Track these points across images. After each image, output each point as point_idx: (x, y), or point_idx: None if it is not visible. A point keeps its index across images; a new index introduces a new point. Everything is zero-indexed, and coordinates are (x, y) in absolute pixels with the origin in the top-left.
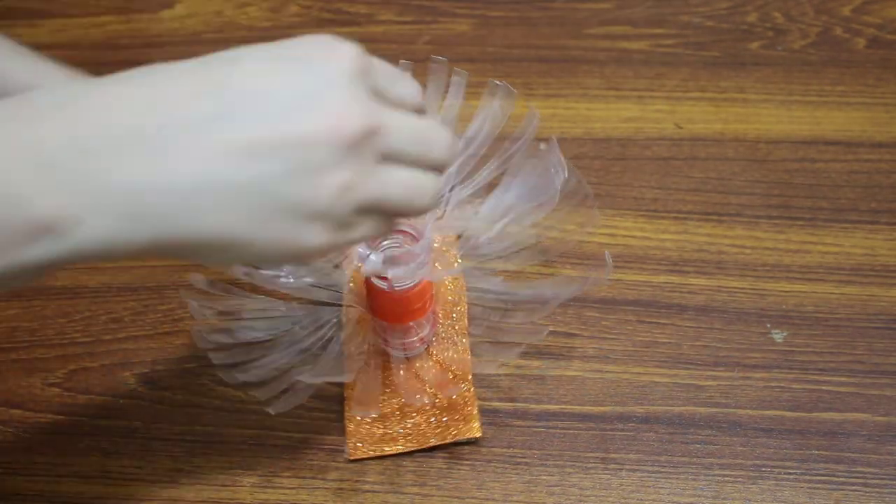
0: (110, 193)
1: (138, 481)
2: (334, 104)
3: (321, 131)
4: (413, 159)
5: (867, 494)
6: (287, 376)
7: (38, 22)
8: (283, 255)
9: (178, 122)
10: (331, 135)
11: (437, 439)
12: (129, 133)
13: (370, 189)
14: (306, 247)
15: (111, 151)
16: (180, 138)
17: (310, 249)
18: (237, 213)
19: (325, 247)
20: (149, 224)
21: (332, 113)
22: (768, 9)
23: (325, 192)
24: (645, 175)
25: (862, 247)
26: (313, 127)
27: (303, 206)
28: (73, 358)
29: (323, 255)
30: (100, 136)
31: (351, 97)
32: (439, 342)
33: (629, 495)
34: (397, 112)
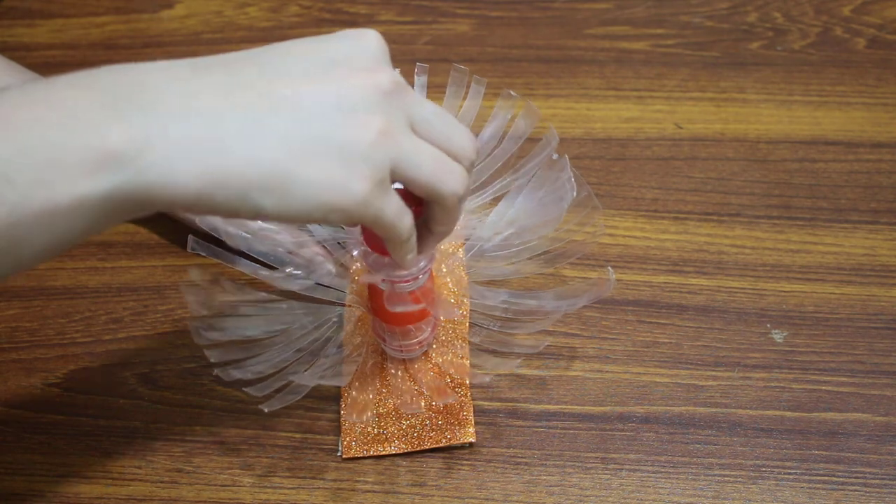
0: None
1: (138, 481)
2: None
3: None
4: (438, 136)
5: (867, 494)
6: (283, 374)
7: (38, 22)
8: (328, 198)
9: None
10: (364, 83)
11: (432, 442)
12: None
13: (403, 146)
14: (348, 191)
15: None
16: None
17: (351, 196)
18: (287, 146)
19: (364, 199)
20: (207, 155)
21: (364, 70)
22: (768, 9)
23: (366, 133)
24: (645, 175)
25: (862, 247)
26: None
27: (346, 147)
28: (73, 358)
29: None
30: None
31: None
32: (439, 346)
33: (629, 495)
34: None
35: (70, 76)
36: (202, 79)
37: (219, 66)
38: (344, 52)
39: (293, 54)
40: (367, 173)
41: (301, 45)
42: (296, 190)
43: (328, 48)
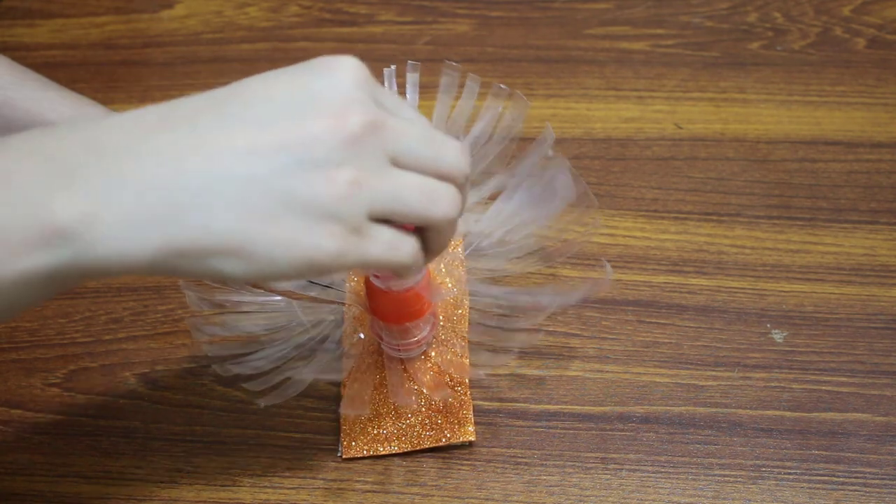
0: (122, 196)
1: (138, 481)
2: (334, 104)
3: (321, 128)
4: (425, 164)
5: (867, 494)
6: (281, 370)
7: (38, 22)
8: (296, 260)
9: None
10: (333, 131)
11: (431, 442)
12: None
13: (381, 189)
14: (319, 250)
15: (125, 156)
16: (189, 141)
17: (323, 253)
18: (245, 209)
19: (339, 253)
20: (158, 226)
21: (332, 111)
22: (768, 9)
23: (333, 188)
24: (645, 175)
25: (862, 247)
26: (315, 125)
27: (310, 204)
28: (73, 358)
29: (338, 265)
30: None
31: (352, 98)
32: (438, 345)
33: (629, 495)
34: (403, 118)
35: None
36: (157, 138)
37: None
38: (313, 91)
39: (257, 96)
40: (337, 229)
41: (266, 83)
42: (258, 255)
43: (295, 86)
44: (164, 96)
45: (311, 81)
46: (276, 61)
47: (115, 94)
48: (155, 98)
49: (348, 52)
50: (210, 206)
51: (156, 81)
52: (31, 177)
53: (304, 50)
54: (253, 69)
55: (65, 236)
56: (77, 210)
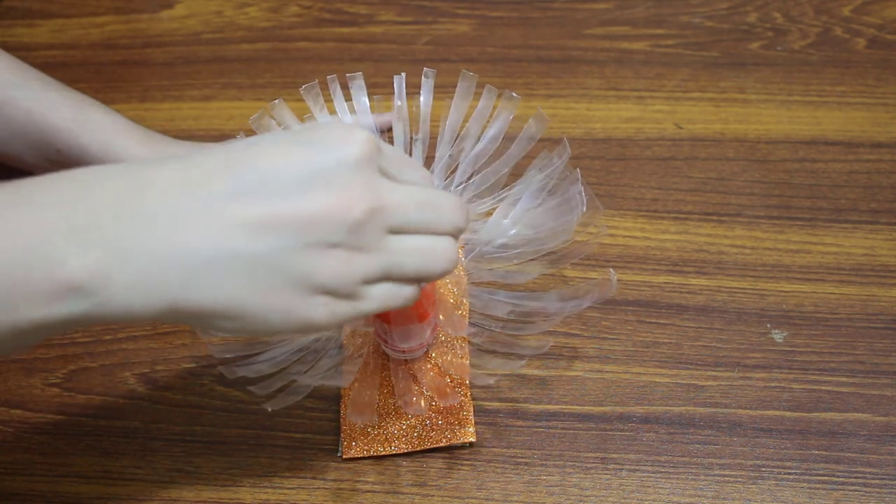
0: (136, 258)
1: (138, 481)
2: (342, 186)
3: (328, 211)
4: (423, 227)
5: (867, 494)
6: (285, 374)
7: (38, 22)
8: (290, 325)
9: (201, 198)
10: (337, 215)
11: (432, 442)
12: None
13: (376, 262)
14: (313, 319)
15: (140, 221)
16: (201, 212)
17: (316, 321)
18: (247, 283)
19: (331, 318)
20: (167, 289)
21: (339, 195)
22: (768, 9)
23: (329, 265)
24: (645, 175)
25: (862, 247)
26: (321, 207)
27: (307, 279)
28: (73, 358)
29: (332, 326)
30: (131, 208)
31: (358, 180)
32: (439, 346)
33: (629, 495)
34: (403, 187)
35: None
36: (173, 201)
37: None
38: (321, 167)
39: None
40: (328, 299)
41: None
42: (256, 320)
43: (305, 162)
44: (163, 96)
45: (319, 156)
46: (276, 61)
47: (115, 94)
48: (155, 98)
49: (348, 52)
50: (217, 276)
51: (156, 81)
52: (50, 231)
53: (304, 50)
54: (253, 69)
55: (79, 292)
56: (92, 269)
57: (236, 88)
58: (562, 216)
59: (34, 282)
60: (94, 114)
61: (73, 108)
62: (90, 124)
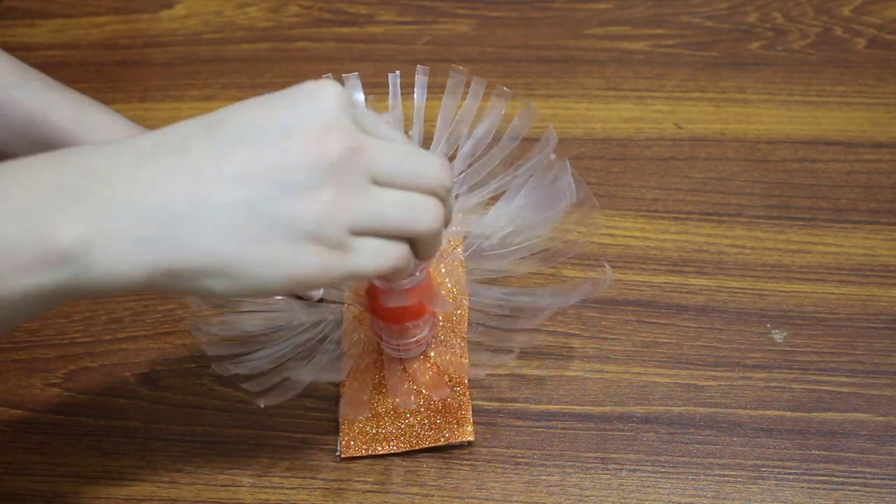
0: (118, 218)
1: (138, 481)
2: (314, 129)
3: (306, 155)
4: (406, 181)
5: (867, 494)
6: (280, 370)
7: (38, 22)
8: (281, 278)
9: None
10: (312, 157)
11: (430, 441)
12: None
13: (362, 207)
14: (302, 268)
15: (121, 182)
16: (181, 169)
17: (306, 271)
18: (232, 232)
19: (322, 269)
20: (152, 246)
21: (312, 136)
22: (768, 9)
23: (312, 208)
24: (645, 175)
25: (862, 247)
26: (298, 152)
27: (292, 225)
28: (73, 358)
29: (323, 280)
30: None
31: (331, 124)
32: (437, 345)
33: (629, 495)
34: (383, 140)
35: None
36: (150, 164)
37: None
38: (295, 117)
39: (243, 122)
40: (318, 248)
41: (252, 109)
42: (245, 274)
43: (279, 113)
44: (163, 96)
45: (293, 107)
46: (276, 61)
47: (115, 94)
48: (155, 98)
49: (348, 51)
50: (199, 229)
51: (156, 81)
52: (35, 201)
53: (304, 50)
54: (253, 69)
55: (65, 258)
56: (77, 233)
57: (236, 88)
58: (551, 206)
59: (20, 248)
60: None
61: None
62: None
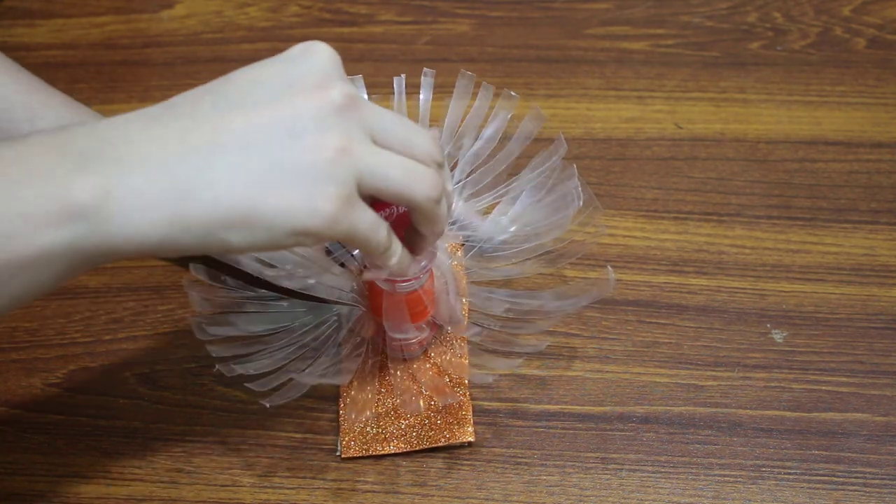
0: (133, 174)
1: (138, 481)
2: (315, 81)
3: (306, 103)
4: (401, 144)
5: (867, 494)
6: (284, 371)
7: (38, 22)
8: (297, 225)
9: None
10: (316, 104)
11: (430, 442)
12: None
13: (367, 160)
14: (315, 212)
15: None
16: (190, 126)
17: (318, 216)
18: (245, 182)
19: (332, 217)
20: (168, 200)
21: (315, 87)
22: (768, 9)
23: (323, 153)
24: (645, 175)
25: (862, 247)
26: (301, 100)
27: (305, 170)
28: (73, 358)
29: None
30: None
31: (330, 75)
32: (438, 345)
33: (629, 495)
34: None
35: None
36: (159, 127)
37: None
38: (294, 73)
39: (246, 82)
40: (332, 192)
41: (253, 71)
42: (261, 222)
43: (278, 71)
44: (164, 96)
45: (290, 65)
46: None
47: (115, 94)
48: (155, 98)
49: (348, 51)
50: (213, 181)
51: (156, 81)
52: (50, 163)
53: None
54: None
55: (82, 213)
56: (92, 189)
57: None
58: (558, 211)
59: (35, 205)
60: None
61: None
62: None
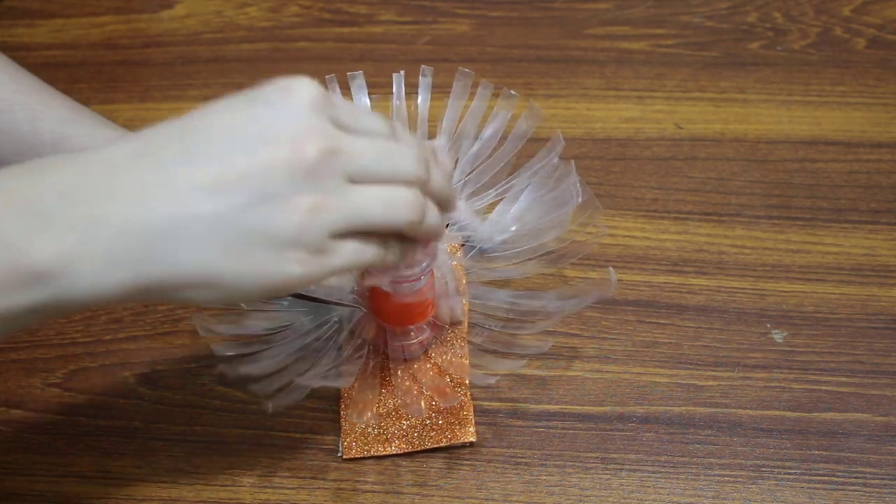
0: (97, 235)
1: (138, 481)
2: (290, 134)
3: (278, 160)
4: (384, 177)
5: (867, 494)
6: (286, 373)
7: (38, 22)
8: (264, 287)
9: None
10: (288, 162)
11: (432, 442)
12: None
13: (341, 210)
14: (285, 277)
15: (98, 197)
16: (157, 182)
17: (290, 279)
18: (211, 246)
19: (304, 275)
20: (132, 263)
21: (288, 141)
22: (768, 9)
23: (292, 217)
24: (645, 175)
25: (862, 247)
26: (270, 157)
27: (273, 235)
28: (73, 358)
29: (306, 284)
30: (86, 187)
31: (307, 126)
32: (438, 346)
33: (629, 495)
34: (359, 137)
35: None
36: (125, 178)
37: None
38: (269, 121)
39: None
40: (299, 255)
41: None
42: (226, 285)
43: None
44: (163, 96)
45: (267, 110)
46: (276, 61)
47: (115, 94)
48: (155, 98)
49: (348, 51)
50: (177, 244)
51: (156, 81)
52: (9, 222)
53: (304, 50)
54: (253, 69)
55: (42, 278)
56: (53, 254)
57: (236, 88)
58: (558, 209)
59: None
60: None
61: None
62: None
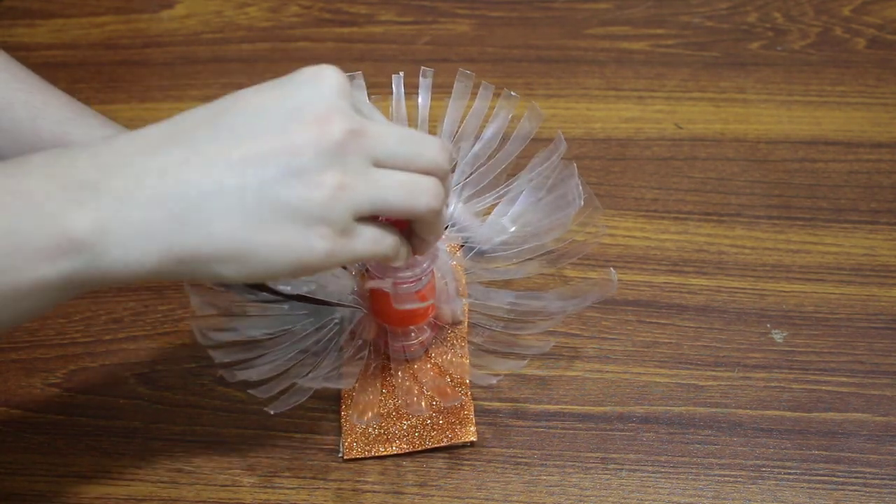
0: (129, 208)
1: (138, 481)
2: (318, 113)
3: (306, 138)
4: (405, 162)
5: (867, 494)
6: (286, 376)
7: (38, 22)
8: (291, 262)
9: (187, 144)
10: (316, 140)
11: (433, 442)
12: (146, 157)
13: (364, 189)
14: (311, 251)
15: (132, 174)
16: (188, 156)
17: (314, 254)
18: (242, 218)
19: (329, 253)
20: (162, 235)
21: (316, 120)
22: (768, 9)
23: (319, 192)
24: (645, 175)
25: (862, 247)
26: (301, 135)
27: (300, 209)
28: (73, 358)
29: (329, 264)
30: (121, 162)
31: (333, 107)
32: (438, 346)
33: (629, 495)
34: (382, 123)
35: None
36: (159, 155)
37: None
38: (298, 101)
39: (249, 110)
40: (326, 231)
41: (258, 96)
42: (255, 259)
43: (282, 97)
44: (164, 96)
45: (295, 92)
46: (276, 61)
47: (115, 94)
48: (155, 98)
49: (348, 51)
50: (208, 216)
51: (156, 81)
52: (48, 194)
53: (304, 50)
54: (253, 69)
55: (78, 247)
56: (89, 223)
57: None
58: (559, 211)
59: (33, 239)
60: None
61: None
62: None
